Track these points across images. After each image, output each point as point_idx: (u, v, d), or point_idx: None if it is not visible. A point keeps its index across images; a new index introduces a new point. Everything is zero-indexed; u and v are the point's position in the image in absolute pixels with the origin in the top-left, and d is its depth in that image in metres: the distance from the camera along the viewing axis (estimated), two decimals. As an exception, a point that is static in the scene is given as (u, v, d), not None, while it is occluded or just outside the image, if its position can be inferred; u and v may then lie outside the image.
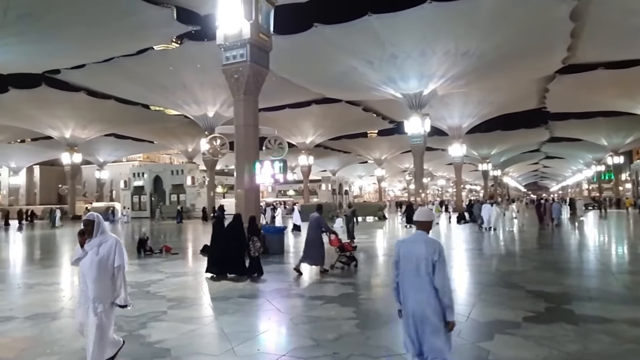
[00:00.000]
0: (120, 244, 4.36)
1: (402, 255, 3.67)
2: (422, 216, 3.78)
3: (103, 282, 4.21)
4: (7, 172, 67.42)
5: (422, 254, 3.54)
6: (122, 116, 43.94)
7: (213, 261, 10.46)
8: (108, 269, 4.25)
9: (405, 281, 3.62)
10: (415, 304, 3.52)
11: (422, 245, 3.59)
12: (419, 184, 37.15)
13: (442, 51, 27.60)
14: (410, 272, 3.57)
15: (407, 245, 3.72)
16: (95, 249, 4.25)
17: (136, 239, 17.43)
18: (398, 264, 3.70)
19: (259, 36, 14.53)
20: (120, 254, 4.31)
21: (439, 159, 68.00)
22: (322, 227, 10.73)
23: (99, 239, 4.29)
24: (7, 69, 29.86)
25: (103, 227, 4.35)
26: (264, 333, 6.08)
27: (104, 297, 4.20)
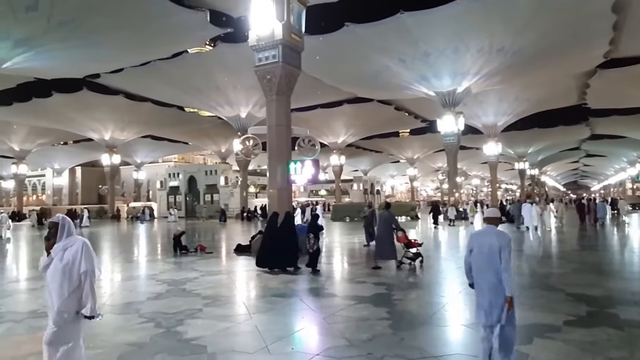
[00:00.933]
0: (88, 247, 3.91)
1: (476, 243, 4.45)
2: (490, 214, 4.69)
3: (67, 291, 3.77)
4: (51, 173, 70.50)
5: (493, 243, 4.28)
6: (158, 118, 45.15)
7: (265, 256, 10.95)
8: (74, 276, 3.81)
9: (477, 265, 4.40)
10: (485, 283, 4.29)
11: (494, 236, 4.36)
12: (453, 184, 36.54)
13: (476, 48, 27.04)
14: (482, 258, 4.33)
15: (480, 236, 4.52)
16: (60, 254, 3.83)
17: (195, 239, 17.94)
18: (472, 251, 4.47)
19: (291, 37, 14.60)
20: (88, 258, 3.86)
21: (473, 158, 66.61)
22: (392, 224, 11.14)
23: (63, 242, 3.87)
24: (51, 74, 31.23)
25: (70, 230, 3.93)
26: (298, 332, 6.11)
27: (69, 307, 3.79)
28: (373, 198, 68.38)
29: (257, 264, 11.35)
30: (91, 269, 3.86)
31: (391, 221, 11.32)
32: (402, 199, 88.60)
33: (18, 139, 50.42)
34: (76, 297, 3.84)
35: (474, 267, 4.45)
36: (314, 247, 10.90)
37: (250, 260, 13.00)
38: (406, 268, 11.01)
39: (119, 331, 6.07)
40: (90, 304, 3.86)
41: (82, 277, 3.83)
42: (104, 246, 20.08)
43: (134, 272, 11.69)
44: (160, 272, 11.23)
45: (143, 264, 13.46)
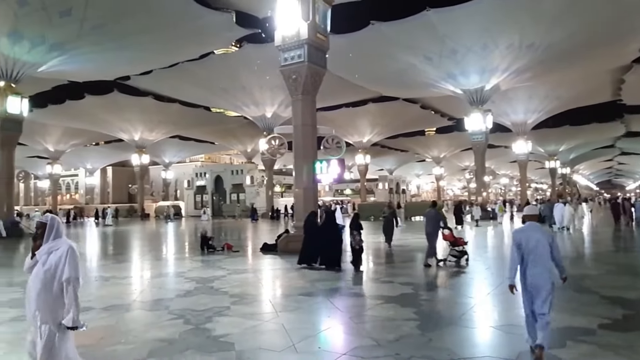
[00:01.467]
0: (74, 251, 3.55)
1: (524, 239, 4.79)
2: (530, 211, 5.16)
3: (48, 298, 3.44)
4: (83, 173, 72.64)
5: (540, 238, 4.73)
6: (186, 118, 45.96)
7: (307, 254, 11.28)
8: (56, 283, 3.45)
9: (526, 259, 4.76)
10: (532, 275, 4.70)
11: (539, 232, 4.81)
12: (480, 183, 35.91)
13: (505, 44, 26.50)
14: (530, 252, 4.72)
15: (526, 232, 4.88)
16: (44, 257, 3.51)
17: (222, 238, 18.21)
18: (520, 246, 4.79)
19: (316, 36, 14.63)
20: (72, 264, 3.49)
21: (501, 157, 65.29)
22: (440, 222, 11.36)
23: (49, 245, 3.54)
24: (84, 76, 32.19)
25: (58, 232, 3.59)
26: (324, 331, 6.11)
27: (52, 317, 3.45)
28: (399, 197, 67.85)
29: (299, 262, 11.50)
30: (75, 276, 3.48)
31: (439, 219, 11.50)
32: (427, 198, 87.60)
33: (53, 140, 52.16)
34: (58, 306, 3.49)
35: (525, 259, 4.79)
36: (360, 243, 11.03)
37: (276, 259, 13.12)
38: (445, 265, 10.86)
39: (150, 327, 6.21)
40: (73, 313, 3.45)
41: (64, 284, 3.45)
42: (134, 244, 20.58)
43: (162, 270, 11.93)
44: (188, 270, 11.42)
45: (171, 262, 13.72)
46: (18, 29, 21.87)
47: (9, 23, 21.34)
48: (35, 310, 3.45)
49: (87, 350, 5.25)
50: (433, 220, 11.54)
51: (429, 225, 11.53)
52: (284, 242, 14.74)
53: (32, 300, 3.47)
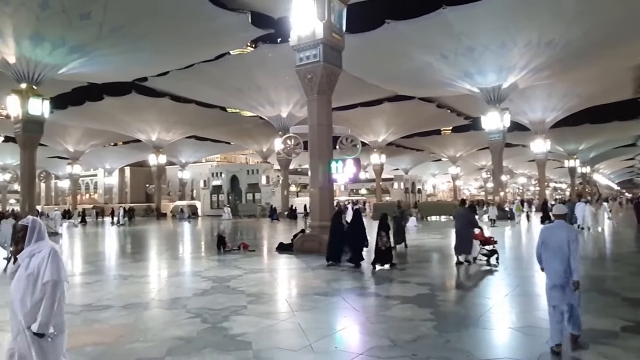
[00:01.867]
0: (57, 254, 3.37)
1: (548, 236, 5.19)
2: (559, 210, 5.48)
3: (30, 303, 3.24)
4: (102, 173, 73.85)
5: (562, 236, 5.03)
6: (202, 119, 46.37)
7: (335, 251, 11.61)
8: (38, 287, 3.27)
9: (547, 254, 5.12)
10: (554, 272, 5.04)
11: (564, 230, 5.12)
12: (498, 182, 35.47)
13: (523, 42, 26.11)
14: (552, 248, 5.07)
15: (551, 230, 5.24)
16: (27, 260, 3.34)
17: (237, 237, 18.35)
18: (545, 242, 5.18)
19: (332, 36, 14.62)
20: (54, 267, 3.29)
21: (519, 156, 64.39)
22: (471, 221, 11.43)
23: (31, 248, 3.36)
24: (103, 78, 32.72)
25: (40, 234, 3.42)
26: (341, 331, 6.10)
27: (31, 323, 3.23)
28: (414, 197, 67.43)
29: (327, 259, 11.81)
30: (55, 279, 3.28)
31: (469, 218, 11.56)
32: (443, 198, 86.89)
33: (73, 141, 53.15)
34: None
35: (544, 256, 5.19)
36: (386, 244, 11.23)
37: (291, 259, 13.14)
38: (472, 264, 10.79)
39: (168, 326, 6.27)
40: (42, 319, 3.20)
41: (45, 287, 3.25)
42: (151, 243, 20.84)
43: (179, 269, 12.05)
44: (205, 269, 11.52)
45: (188, 261, 13.85)
46: (39, 32, 22.31)
47: (31, 26, 21.79)
48: (19, 316, 3.25)
49: (106, 348, 5.35)
50: (463, 218, 11.57)
51: (459, 223, 11.58)
52: (299, 242, 14.77)
53: (16, 306, 3.28)
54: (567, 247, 4.94)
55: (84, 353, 5.16)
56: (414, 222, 25.75)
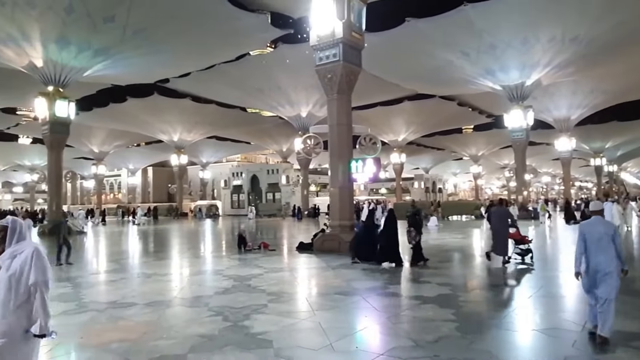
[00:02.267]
0: (40, 254, 3.27)
1: (588, 232, 5.37)
2: (595, 207, 5.73)
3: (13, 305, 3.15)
4: (126, 173, 75.30)
5: (602, 231, 5.30)
6: (222, 119, 46.85)
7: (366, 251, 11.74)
8: (21, 289, 3.17)
9: (589, 249, 5.30)
10: (595, 263, 5.23)
11: (602, 225, 5.41)
12: (521, 181, 34.86)
13: (546, 38, 25.59)
14: (593, 243, 5.28)
15: (590, 225, 5.46)
16: (8, 262, 3.23)
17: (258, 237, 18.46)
18: (584, 238, 5.35)
19: (351, 35, 14.59)
20: (39, 267, 3.21)
21: (543, 154, 63.12)
22: (509, 220, 11.30)
23: (12, 249, 3.25)
24: (126, 80, 33.37)
25: (21, 234, 3.31)
26: (361, 331, 6.08)
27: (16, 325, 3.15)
28: (435, 196, 66.74)
29: (358, 257, 11.87)
30: (42, 280, 3.20)
31: (507, 217, 11.41)
32: (465, 198, 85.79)
33: (97, 142, 54.35)
34: (24, 313, 3.20)
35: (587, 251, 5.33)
36: (415, 238, 11.31)
37: (311, 258, 13.16)
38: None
39: (191, 323, 6.36)
40: (41, 320, 3.19)
41: (31, 289, 3.19)
42: (173, 242, 21.15)
43: (201, 268, 12.20)
44: (226, 268, 11.63)
45: (209, 260, 14.00)
46: (65, 36, 22.88)
47: (57, 30, 22.36)
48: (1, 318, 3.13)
49: (131, 344, 5.45)
50: (500, 217, 11.42)
51: (496, 222, 11.46)
52: (319, 241, 14.79)
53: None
54: (606, 241, 5.22)
55: (110, 350, 5.27)
56: (434, 222, 25.54)
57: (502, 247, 10.99)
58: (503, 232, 11.17)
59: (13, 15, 20.98)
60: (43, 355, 5.24)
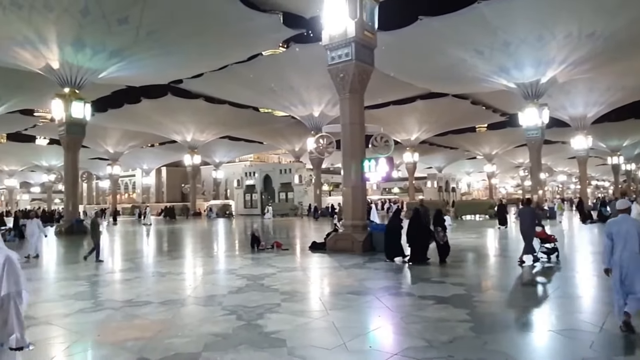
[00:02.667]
0: (13, 262, 3.10)
1: (615, 229, 5.59)
2: (621, 205, 5.92)
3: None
4: (140, 173, 76.16)
5: (630, 228, 5.50)
6: (235, 119, 47.10)
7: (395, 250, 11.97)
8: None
9: (617, 246, 5.51)
10: (622, 259, 5.44)
11: (629, 222, 5.63)
12: (536, 180, 34.39)
13: (562, 34, 25.19)
14: (621, 240, 5.49)
15: (618, 223, 5.66)
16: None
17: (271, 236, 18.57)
18: (612, 234, 5.59)
19: (364, 34, 14.54)
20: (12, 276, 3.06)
21: (558, 153, 62.33)
22: (535, 219, 11.40)
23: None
24: (140, 81, 33.72)
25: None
26: (375, 330, 6.07)
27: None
28: (448, 196, 66.31)
29: (387, 256, 12.10)
30: (16, 290, 3.06)
31: (535, 216, 11.48)
32: (478, 197, 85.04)
33: (112, 142, 55.03)
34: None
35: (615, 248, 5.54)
36: (443, 239, 11.58)
37: (324, 257, 13.15)
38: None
39: (204, 322, 6.40)
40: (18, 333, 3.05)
41: (3, 300, 3.04)
42: (187, 242, 21.31)
43: (214, 267, 12.28)
44: (239, 267, 11.69)
45: (222, 259, 14.09)
46: (81, 38, 23.20)
47: (73, 32, 22.68)
48: None
49: (146, 342, 5.51)
50: (529, 217, 11.41)
51: (525, 222, 11.43)
52: (332, 241, 14.78)
53: None
54: (636, 236, 5.43)
55: (126, 347, 5.33)
56: (448, 221, 25.29)
57: (530, 246, 11.10)
58: (531, 231, 11.22)
59: (30, 18, 21.33)
60: (61, 352, 5.33)
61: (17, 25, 21.74)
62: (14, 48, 23.51)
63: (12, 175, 73.97)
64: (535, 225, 11.27)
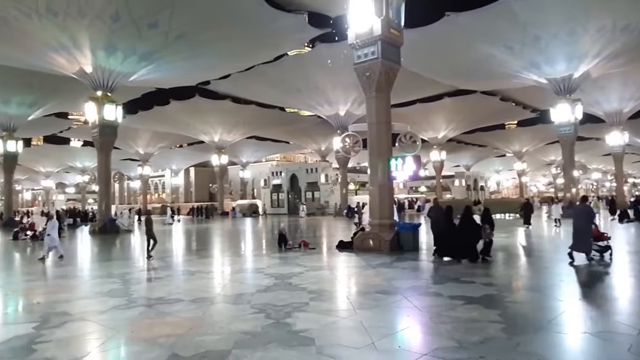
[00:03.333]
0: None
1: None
2: None
3: None
4: (169, 174, 77.70)
5: None
6: (262, 119, 47.54)
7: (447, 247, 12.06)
8: None
9: None
10: None
11: None
12: (569, 178, 33.42)
13: (595, 28, 24.42)
14: None
15: None
16: None
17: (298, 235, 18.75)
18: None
19: (390, 32, 14.43)
20: None
21: (593, 150, 60.41)
22: (592, 217, 11.20)
23: None
24: (169, 83, 34.43)
25: None
26: (404, 330, 6.02)
27: None
28: (477, 194, 65.13)
29: (437, 254, 12.14)
30: None
31: (591, 214, 11.25)
32: (508, 195, 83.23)
33: (143, 143, 56.39)
34: None
35: None
36: (490, 236, 11.75)
37: (351, 257, 13.13)
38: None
39: (234, 320, 6.49)
40: None
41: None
42: (215, 241, 21.63)
43: (242, 266, 12.42)
44: (266, 266, 11.78)
45: (250, 258, 14.23)
46: (113, 43, 23.85)
47: (105, 37, 23.34)
48: None
49: (178, 339, 5.62)
50: (585, 215, 11.17)
51: (581, 220, 11.18)
52: (359, 240, 14.74)
53: None
54: None
55: (158, 344, 5.45)
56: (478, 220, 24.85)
57: (586, 244, 10.87)
58: (586, 229, 10.97)
59: (65, 24, 22.05)
60: (96, 348, 5.50)
61: (53, 31, 22.52)
62: (50, 53, 24.35)
63: (48, 176, 76.78)
64: (591, 223, 11.05)
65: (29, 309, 7.82)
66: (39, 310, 7.35)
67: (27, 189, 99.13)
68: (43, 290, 9.52)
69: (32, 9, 20.84)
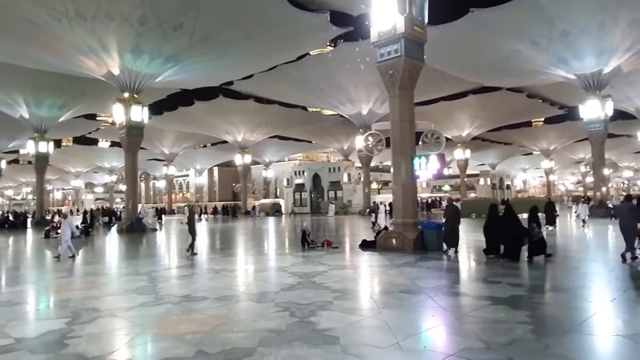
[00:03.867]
0: None
1: None
2: None
3: None
4: (193, 173, 78.84)
5: None
6: (284, 119, 47.78)
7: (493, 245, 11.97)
8: None
9: None
10: None
11: None
12: (599, 177, 32.49)
13: (626, 21, 23.66)
14: None
15: None
16: None
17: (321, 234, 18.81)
18: None
19: (413, 29, 14.29)
20: None
21: (624, 147, 58.64)
22: (636, 216, 10.97)
23: None
24: (193, 84, 34.93)
25: None
26: (429, 330, 5.96)
27: None
28: (502, 193, 63.97)
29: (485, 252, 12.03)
30: None
31: (635, 212, 11.02)
32: (535, 194, 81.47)
33: (168, 144, 57.38)
34: None
35: None
36: (538, 235, 11.60)
37: (374, 256, 13.06)
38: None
39: (259, 318, 6.54)
40: None
41: None
42: (238, 240, 21.84)
43: (266, 264, 12.50)
44: (290, 265, 11.84)
45: (273, 257, 14.32)
46: (139, 45, 24.34)
47: (132, 40, 23.85)
48: None
49: (204, 336, 5.70)
50: (629, 214, 10.99)
51: (625, 219, 11.05)
52: (382, 239, 14.66)
53: None
54: None
55: (185, 340, 5.54)
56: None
57: (630, 243, 10.73)
58: (631, 228, 10.84)
59: (93, 28, 22.62)
60: (125, 344, 5.63)
61: (82, 35, 23.12)
62: (79, 57, 25.01)
63: (78, 176, 78.92)
64: (636, 221, 10.82)
65: (61, 304, 8.05)
66: (70, 307, 7.56)
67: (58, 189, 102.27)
68: (73, 287, 9.79)
69: (62, 13, 21.45)
